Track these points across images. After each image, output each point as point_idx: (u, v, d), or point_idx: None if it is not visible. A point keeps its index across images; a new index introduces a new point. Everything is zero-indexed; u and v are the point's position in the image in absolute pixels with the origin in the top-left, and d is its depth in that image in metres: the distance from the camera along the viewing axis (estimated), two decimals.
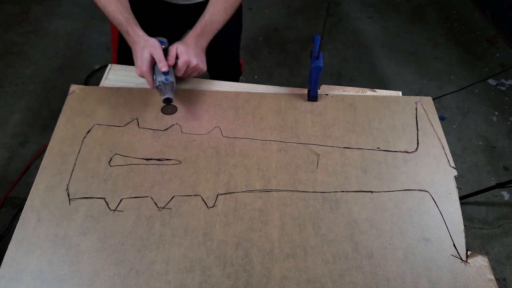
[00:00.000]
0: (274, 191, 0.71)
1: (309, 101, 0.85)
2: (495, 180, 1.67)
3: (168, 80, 0.74)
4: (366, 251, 0.64)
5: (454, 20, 2.42)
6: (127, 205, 0.68)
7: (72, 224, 0.65)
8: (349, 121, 0.82)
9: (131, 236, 0.64)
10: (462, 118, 1.91)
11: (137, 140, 0.77)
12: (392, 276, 0.62)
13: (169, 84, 0.75)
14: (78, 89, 0.85)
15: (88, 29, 2.21)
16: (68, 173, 0.71)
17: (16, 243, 0.63)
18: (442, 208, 0.70)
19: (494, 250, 1.48)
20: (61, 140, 0.76)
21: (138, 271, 0.61)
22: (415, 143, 0.79)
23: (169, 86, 0.75)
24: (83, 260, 0.62)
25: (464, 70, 2.13)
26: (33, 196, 0.69)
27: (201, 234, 0.65)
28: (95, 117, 0.80)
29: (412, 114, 0.84)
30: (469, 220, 1.56)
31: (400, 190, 0.72)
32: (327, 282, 0.61)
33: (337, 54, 2.19)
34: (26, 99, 1.84)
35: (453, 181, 0.73)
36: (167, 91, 0.74)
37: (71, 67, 2.01)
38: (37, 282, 0.60)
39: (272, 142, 0.78)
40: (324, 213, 0.69)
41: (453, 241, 0.66)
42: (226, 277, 0.61)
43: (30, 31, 2.16)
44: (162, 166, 0.73)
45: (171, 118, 0.80)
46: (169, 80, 0.74)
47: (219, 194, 0.70)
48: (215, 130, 0.79)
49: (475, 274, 0.63)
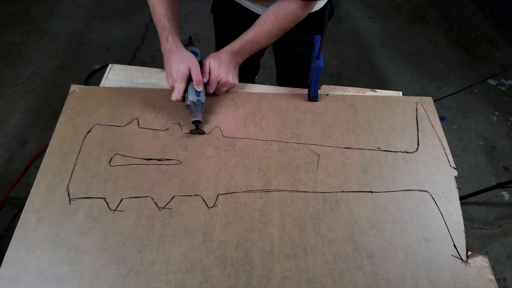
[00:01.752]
0: (274, 191, 0.71)
1: (309, 101, 0.85)
2: (495, 180, 1.67)
3: (199, 101, 0.76)
4: (367, 251, 0.64)
5: (454, 20, 2.42)
6: (127, 205, 0.68)
7: (73, 224, 0.65)
8: (349, 121, 0.82)
9: (132, 236, 0.64)
10: (462, 118, 1.91)
11: (138, 140, 0.77)
12: (393, 276, 0.62)
13: (200, 106, 0.76)
14: (78, 89, 0.85)
15: (88, 29, 2.21)
16: (69, 173, 0.71)
17: (16, 243, 0.63)
18: (442, 208, 0.70)
19: (494, 250, 1.48)
20: (61, 140, 0.76)
21: (138, 271, 0.61)
22: (415, 143, 0.79)
23: (200, 107, 0.76)
24: (83, 260, 0.62)
25: (464, 70, 2.13)
26: (33, 196, 0.69)
27: (201, 234, 0.65)
28: (95, 117, 0.80)
29: (413, 114, 0.84)
30: (469, 220, 1.56)
31: (400, 190, 0.72)
32: (327, 282, 0.61)
33: (337, 54, 2.19)
34: (26, 99, 1.84)
35: (454, 181, 0.73)
36: (198, 112, 0.76)
37: (71, 67, 2.01)
38: (37, 282, 0.60)
39: (273, 142, 0.78)
40: (325, 213, 0.69)
41: (454, 241, 0.66)
42: (226, 277, 0.61)
43: (30, 31, 2.16)
44: (163, 166, 0.73)
45: (171, 118, 0.80)
46: (200, 101, 0.76)
47: (219, 194, 0.70)
48: (215, 130, 0.79)
49: (475, 274, 0.63)
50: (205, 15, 2.30)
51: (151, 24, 2.19)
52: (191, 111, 0.76)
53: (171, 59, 0.76)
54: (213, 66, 0.78)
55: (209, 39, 2.17)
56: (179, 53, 0.76)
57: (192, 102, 0.75)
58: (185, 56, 0.76)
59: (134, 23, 2.24)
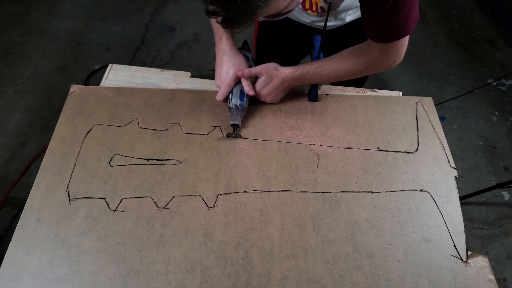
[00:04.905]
0: (274, 191, 0.71)
1: (309, 102, 0.85)
2: (495, 180, 1.67)
3: (242, 106, 0.76)
4: (367, 252, 0.64)
5: (454, 20, 2.42)
6: (127, 205, 0.68)
7: (73, 224, 0.65)
8: (349, 121, 0.82)
9: (132, 236, 0.64)
10: (462, 118, 1.91)
11: (137, 140, 0.77)
12: (393, 276, 0.62)
13: (241, 110, 0.76)
14: (78, 89, 0.85)
15: (88, 29, 2.21)
16: (69, 173, 0.71)
17: (16, 243, 0.63)
18: (442, 208, 0.70)
19: (494, 250, 1.48)
20: (61, 140, 0.76)
21: (138, 271, 0.61)
22: (415, 143, 0.79)
23: (241, 111, 0.76)
24: (83, 260, 0.62)
25: (464, 70, 2.13)
26: (33, 196, 0.69)
27: (201, 234, 0.65)
28: (95, 117, 0.80)
29: (413, 114, 0.84)
30: (470, 220, 1.56)
31: (400, 190, 0.72)
32: (327, 283, 0.61)
33: None
34: (26, 99, 1.84)
35: (454, 181, 0.73)
36: (238, 116, 0.76)
37: (71, 67, 2.01)
38: (37, 282, 0.60)
39: (273, 142, 0.78)
40: (325, 213, 0.68)
41: (454, 241, 0.66)
42: (226, 277, 0.61)
43: (30, 31, 2.16)
44: (163, 166, 0.73)
45: (171, 118, 0.80)
46: (243, 106, 0.76)
47: (219, 194, 0.70)
48: (215, 130, 0.79)
49: (475, 275, 0.63)
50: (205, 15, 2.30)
51: (151, 24, 2.20)
52: (232, 114, 0.76)
53: (223, 59, 0.76)
54: (260, 83, 0.77)
55: (209, 39, 2.17)
56: (232, 55, 0.76)
57: (235, 105, 0.76)
58: (237, 59, 0.76)
59: (134, 23, 2.24)
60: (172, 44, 2.12)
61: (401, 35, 0.63)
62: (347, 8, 0.82)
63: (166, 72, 0.91)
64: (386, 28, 0.62)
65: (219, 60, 0.77)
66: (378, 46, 0.67)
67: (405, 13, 0.59)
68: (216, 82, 0.77)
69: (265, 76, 0.77)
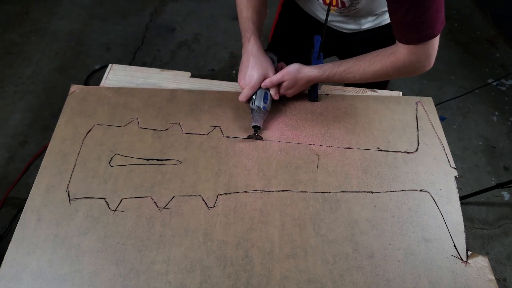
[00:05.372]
0: (274, 191, 0.71)
1: (309, 102, 0.85)
2: (495, 180, 1.67)
3: (265, 108, 0.76)
4: (367, 252, 0.64)
5: (454, 20, 2.42)
6: (127, 205, 0.68)
7: (73, 224, 0.65)
8: (349, 122, 0.82)
9: (132, 236, 0.64)
10: (462, 118, 1.91)
11: (137, 140, 0.77)
12: (393, 276, 0.62)
13: (264, 112, 0.76)
14: (78, 89, 0.85)
15: (88, 29, 2.21)
16: (69, 173, 0.71)
17: (16, 243, 0.63)
18: (442, 208, 0.70)
19: (495, 250, 1.48)
20: (62, 140, 0.76)
21: (138, 271, 0.61)
22: (415, 143, 0.79)
23: (263, 114, 0.77)
24: (83, 260, 0.62)
25: (464, 70, 2.13)
26: (33, 196, 0.69)
27: (201, 234, 0.65)
28: (95, 117, 0.80)
29: (413, 114, 0.84)
30: (470, 220, 1.56)
31: (400, 190, 0.72)
32: (327, 283, 0.61)
33: None
34: (26, 99, 1.84)
35: (454, 181, 0.73)
36: (260, 118, 0.76)
37: (71, 67, 2.01)
38: (37, 282, 0.60)
39: (273, 142, 0.78)
40: (325, 213, 0.68)
41: (454, 241, 0.66)
42: (227, 277, 0.61)
43: (30, 31, 2.16)
44: (163, 166, 0.73)
45: (171, 118, 0.80)
46: (266, 108, 0.76)
47: (219, 194, 0.70)
48: (215, 130, 0.79)
49: (475, 275, 0.63)
50: (205, 15, 2.30)
51: (151, 24, 2.20)
52: (254, 116, 0.76)
53: (249, 61, 0.76)
54: (284, 87, 0.78)
55: (209, 39, 2.17)
56: (258, 57, 0.76)
57: (258, 107, 0.76)
58: (264, 63, 0.76)
59: (134, 23, 2.23)
60: (172, 44, 2.12)
61: (428, 36, 0.63)
62: (367, 13, 0.82)
63: (166, 72, 0.91)
64: (413, 29, 0.62)
65: (245, 61, 0.77)
66: (406, 48, 0.66)
67: (432, 13, 0.59)
68: (240, 83, 0.77)
69: (288, 81, 0.77)
